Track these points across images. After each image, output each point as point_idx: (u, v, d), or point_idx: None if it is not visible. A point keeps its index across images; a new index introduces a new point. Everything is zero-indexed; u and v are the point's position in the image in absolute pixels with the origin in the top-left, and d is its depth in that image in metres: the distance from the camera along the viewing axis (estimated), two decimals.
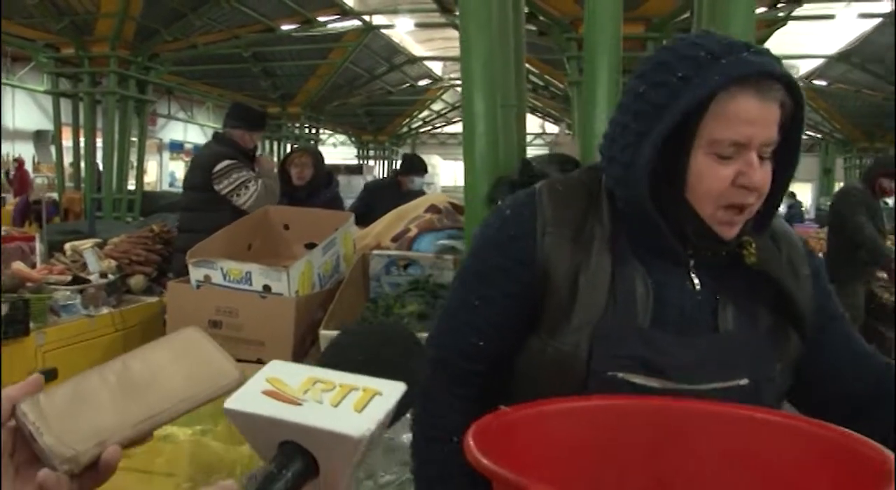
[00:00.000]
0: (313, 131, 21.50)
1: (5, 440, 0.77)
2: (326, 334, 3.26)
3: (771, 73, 1.23)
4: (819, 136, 25.73)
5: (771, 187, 1.31)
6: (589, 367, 1.32)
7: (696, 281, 1.36)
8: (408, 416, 1.26)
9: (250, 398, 0.77)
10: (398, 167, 8.10)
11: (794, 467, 1.07)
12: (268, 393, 0.77)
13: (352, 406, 0.75)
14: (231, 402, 0.77)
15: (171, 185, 22.78)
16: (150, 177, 21.90)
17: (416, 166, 7.63)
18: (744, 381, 1.32)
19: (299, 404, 0.75)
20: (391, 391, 0.78)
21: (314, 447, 0.74)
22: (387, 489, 2.72)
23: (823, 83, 19.82)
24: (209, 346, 0.90)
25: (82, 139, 11.85)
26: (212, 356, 0.89)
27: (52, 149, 13.45)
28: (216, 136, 5.29)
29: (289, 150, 18.15)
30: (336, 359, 0.86)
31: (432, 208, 4.28)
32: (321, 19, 14.03)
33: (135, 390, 0.83)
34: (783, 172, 1.33)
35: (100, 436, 0.78)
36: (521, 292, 1.40)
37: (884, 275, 6.65)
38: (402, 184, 7.32)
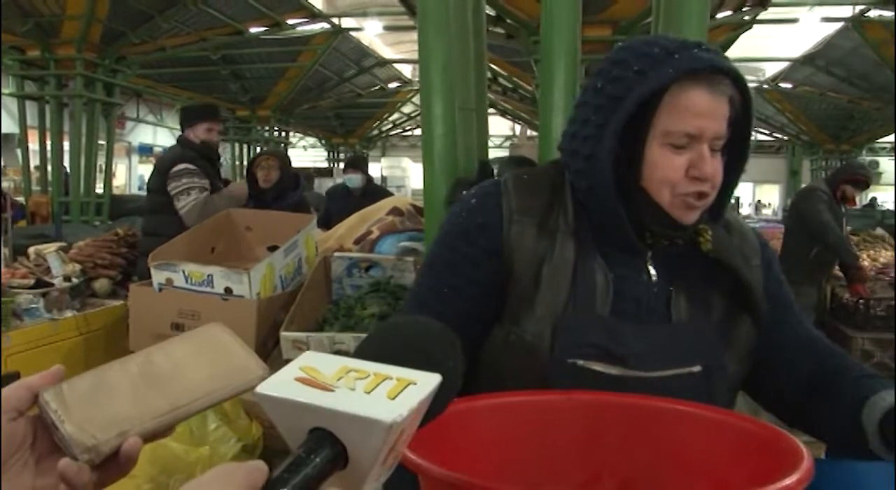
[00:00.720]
0: (283, 134, 21.43)
1: (26, 430, 0.78)
2: (287, 336, 3.28)
3: (720, 68, 1.30)
4: (786, 138, 25.99)
5: (724, 179, 1.37)
6: (551, 356, 1.36)
7: (653, 272, 1.42)
8: None
9: (282, 384, 0.75)
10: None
11: (717, 457, 1.11)
12: (300, 380, 0.76)
13: (385, 394, 0.74)
14: (263, 388, 0.75)
15: (140, 188, 22.52)
16: (120, 180, 21.75)
17: (352, 163, 7.75)
18: (696, 368, 1.37)
19: (332, 391, 0.74)
20: (426, 382, 0.77)
21: (344, 434, 0.73)
22: None
23: (789, 86, 20.01)
24: (233, 342, 0.91)
25: (49, 142, 11.77)
26: (236, 352, 0.90)
27: (19, 152, 13.29)
28: (179, 139, 5.27)
29: (258, 152, 18.14)
30: (372, 350, 0.85)
31: (395, 211, 4.31)
32: (290, 22, 13.98)
33: (157, 383, 0.84)
34: (736, 166, 1.40)
35: (121, 426, 0.79)
36: (488, 281, 1.43)
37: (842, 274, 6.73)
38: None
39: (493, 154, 4.60)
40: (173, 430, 0.84)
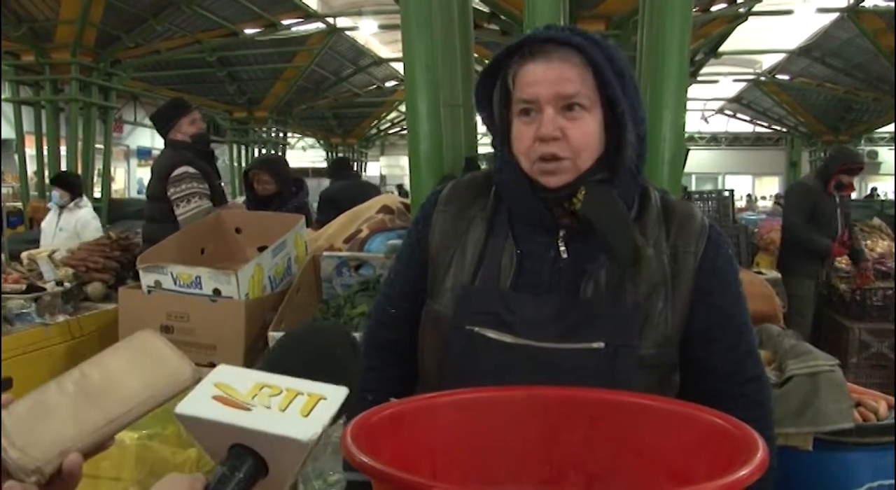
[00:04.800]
0: (281, 135, 21.43)
1: None
2: (275, 336, 3.27)
3: (551, 39, 1.40)
4: (784, 129, 26.00)
5: (605, 144, 1.43)
6: (452, 323, 1.48)
7: (563, 249, 1.46)
8: None
9: (201, 403, 0.80)
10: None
11: (679, 451, 1.11)
12: (218, 398, 0.80)
13: (298, 411, 0.79)
14: (182, 407, 0.80)
15: (139, 192, 22.48)
16: (118, 184, 21.73)
17: (336, 167, 8.09)
18: (598, 345, 1.40)
19: (248, 409, 0.79)
20: (334, 395, 0.82)
21: (264, 450, 0.78)
22: (335, 488, 2.74)
23: (786, 77, 19.99)
24: (163, 346, 0.95)
25: (46, 147, 11.78)
26: (166, 357, 0.94)
27: (16, 157, 13.31)
28: (168, 142, 5.14)
29: (256, 155, 18.13)
30: (280, 361, 0.89)
31: (385, 209, 4.29)
32: (285, 22, 14.01)
33: (93, 397, 0.87)
34: (631, 132, 1.43)
35: (61, 445, 0.83)
36: (419, 265, 1.60)
37: (842, 265, 6.72)
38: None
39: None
40: (114, 439, 0.88)
